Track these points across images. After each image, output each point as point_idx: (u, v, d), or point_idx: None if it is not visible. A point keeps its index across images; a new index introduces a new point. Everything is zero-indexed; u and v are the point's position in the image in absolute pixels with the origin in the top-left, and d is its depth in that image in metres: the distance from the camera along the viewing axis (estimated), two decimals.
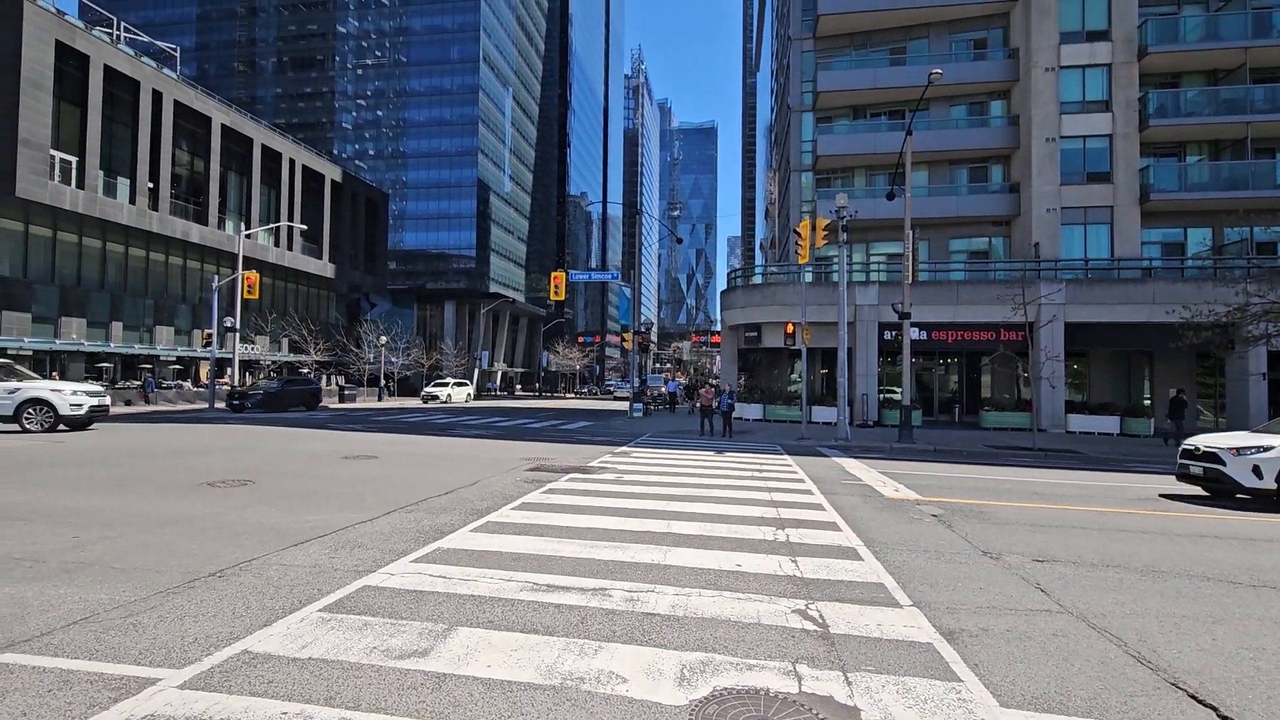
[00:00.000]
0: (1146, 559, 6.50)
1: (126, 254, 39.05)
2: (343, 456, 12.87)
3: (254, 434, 17.44)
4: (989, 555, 6.44)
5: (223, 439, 15.81)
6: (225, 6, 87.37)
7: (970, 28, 31.47)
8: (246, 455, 12.69)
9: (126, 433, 17.02)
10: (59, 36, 31.44)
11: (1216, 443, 10.68)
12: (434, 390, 43.76)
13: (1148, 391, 27.40)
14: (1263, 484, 9.99)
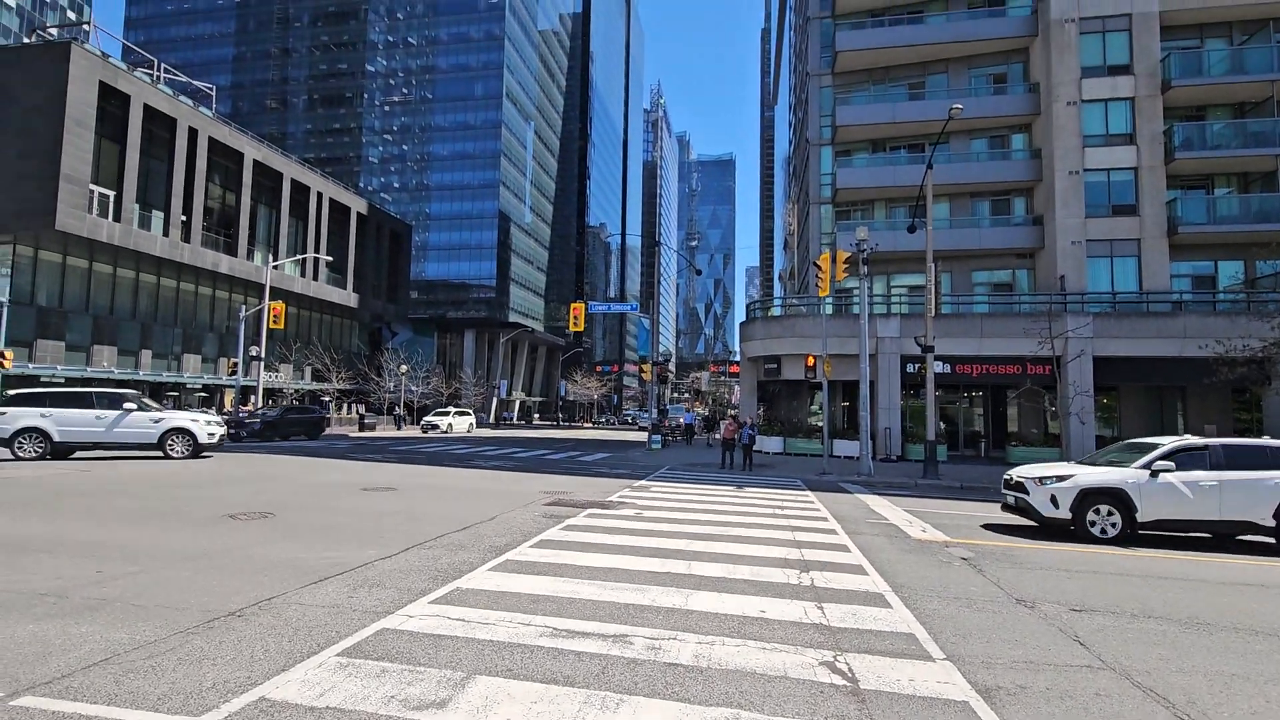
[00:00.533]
0: (1189, 609, 6.22)
1: (158, 284, 40.10)
2: (362, 488, 12.89)
3: (275, 464, 17.57)
4: (1023, 603, 6.21)
5: (244, 469, 15.94)
6: (260, 48, 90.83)
7: (989, 63, 31.63)
8: (268, 486, 12.75)
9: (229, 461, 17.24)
10: (103, 78, 32.79)
11: (1025, 472, 10.88)
12: (434, 420, 41.71)
13: (1181, 427, 26.66)
14: (1059, 513, 10.14)
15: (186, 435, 17.90)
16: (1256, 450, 10.18)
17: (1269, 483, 9.75)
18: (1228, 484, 9.78)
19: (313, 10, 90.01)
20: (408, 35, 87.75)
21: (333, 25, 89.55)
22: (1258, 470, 9.84)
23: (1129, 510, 9.91)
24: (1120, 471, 10.22)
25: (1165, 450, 10.26)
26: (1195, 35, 28.30)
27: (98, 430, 17.11)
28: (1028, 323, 23.34)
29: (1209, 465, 9.99)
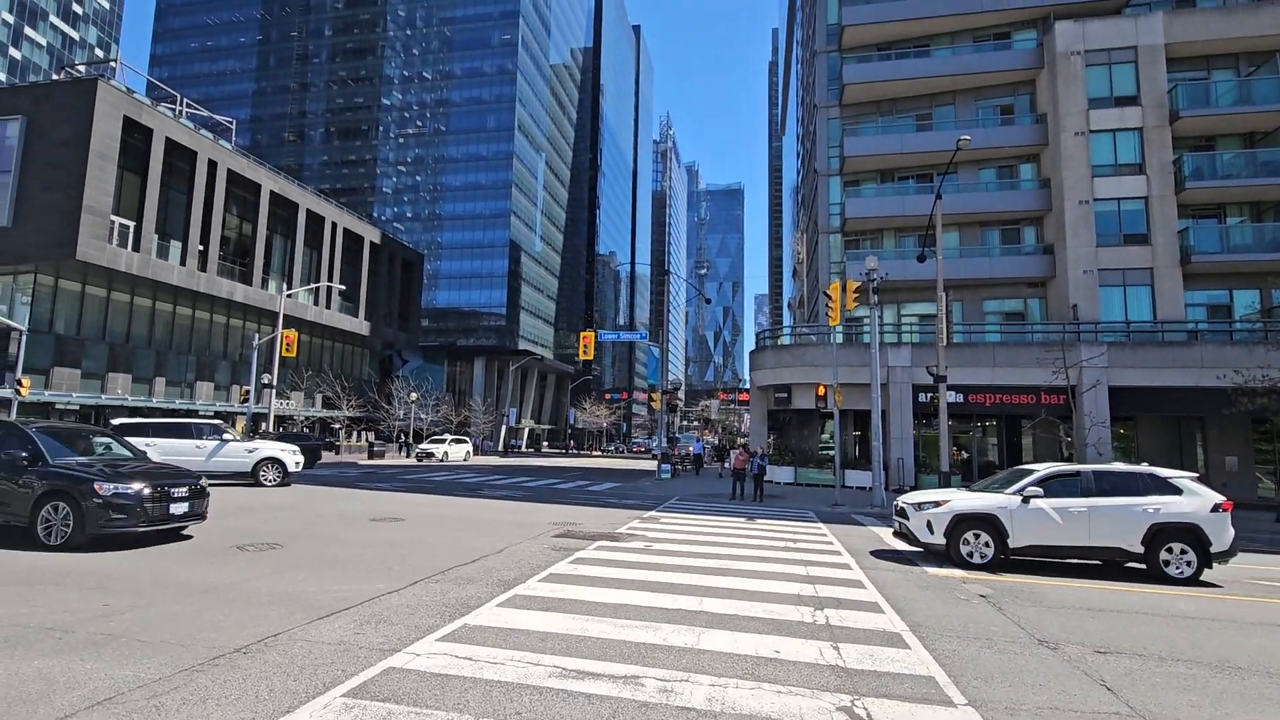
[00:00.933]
0: (1218, 652, 6.02)
1: (174, 312, 40.64)
2: (370, 519, 12.82)
3: (284, 493, 17.54)
4: (1046, 644, 6.03)
5: (253, 499, 15.92)
6: (279, 83, 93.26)
7: (996, 95, 31.93)
8: (277, 516, 12.71)
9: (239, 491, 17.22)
10: (127, 112, 33.70)
11: (910, 498, 10.99)
12: (429, 447, 39.90)
13: (1200, 459, 26.19)
14: (934, 539, 10.23)
15: (278, 464, 18.92)
16: (1128, 477, 10.24)
17: (1137, 509, 9.79)
18: (1097, 510, 9.85)
19: (331, 47, 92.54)
20: (423, 70, 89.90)
21: (350, 61, 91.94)
22: (1128, 497, 9.92)
23: (1001, 536, 9.99)
24: (994, 497, 10.31)
25: (1037, 477, 10.37)
26: (1202, 67, 28.47)
27: (198, 459, 17.79)
28: (1041, 352, 23.14)
29: (1080, 492, 10.08)
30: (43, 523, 8.55)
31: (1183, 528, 9.65)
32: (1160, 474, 10.19)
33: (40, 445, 9.05)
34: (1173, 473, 10.30)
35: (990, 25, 32.39)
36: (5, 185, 32.12)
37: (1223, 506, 9.70)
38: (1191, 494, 9.87)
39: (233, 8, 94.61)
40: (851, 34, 33.21)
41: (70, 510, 8.50)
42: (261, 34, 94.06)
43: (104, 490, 8.54)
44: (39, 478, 8.72)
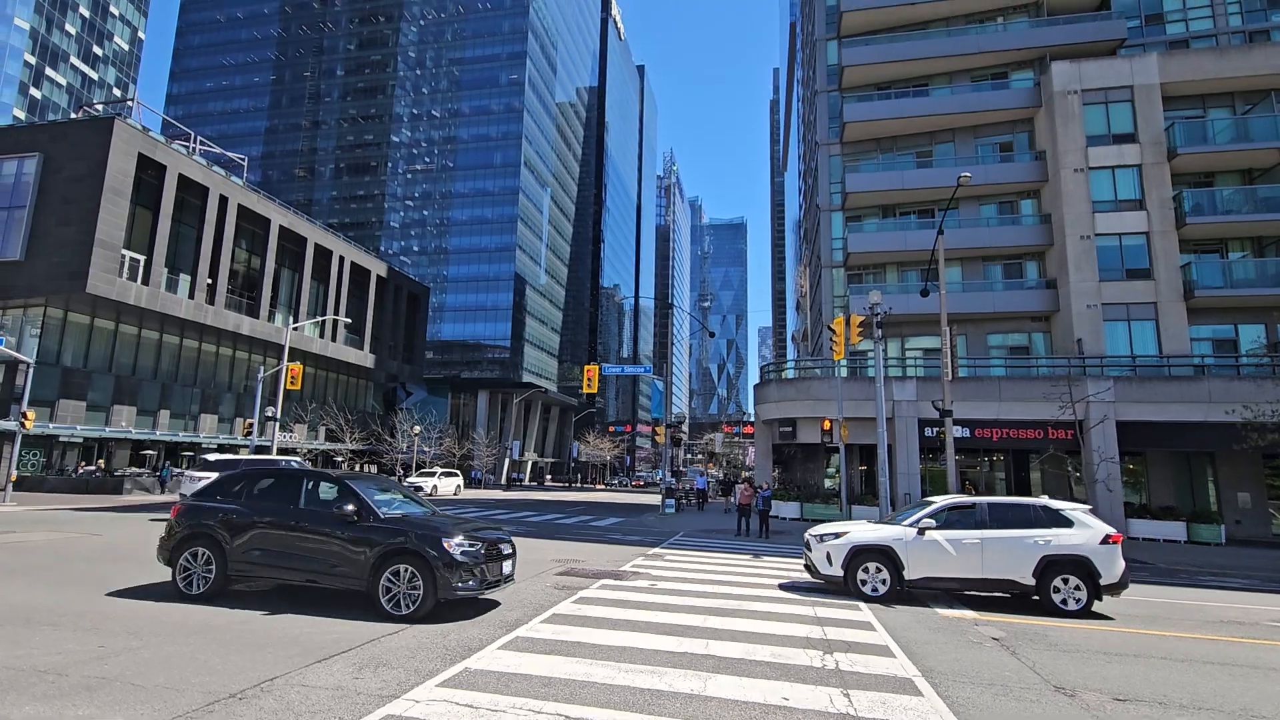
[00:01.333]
0: (1241, 699, 5.83)
1: (180, 345, 40.87)
2: None
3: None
4: (1062, 691, 5.86)
5: None
6: (292, 120, 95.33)
7: (995, 132, 32.42)
8: None
9: None
10: (142, 150, 34.40)
11: (814, 531, 11.03)
12: (418, 481, 38.59)
13: (1212, 494, 25.83)
14: (833, 571, 10.27)
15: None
16: (1022, 509, 10.26)
17: (1029, 541, 9.80)
18: (989, 542, 9.87)
19: (343, 86, 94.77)
20: (431, 108, 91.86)
21: (361, 99, 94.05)
22: (1021, 529, 9.94)
23: (897, 568, 10.01)
24: (891, 529, 10.34)
25: (933, 509, 10.46)
26: (1198, 105, 28.92)
27: None
28: (1047, 386, 23.03)
29: (975, 524, 10.11)
30: (385, 590, 7.42)
31: (1073, 560, 9.69)
32: (1053, 506, 10.27)
33: (366, 498, 8.05)
34: (1065, 505, 10.38)
35: (987, 66, 33.06)
36: (20, 220, 32.66)
37: (1112, 539, 9.77)
38: (1083, 526, 9.93)
39: (248, 50, 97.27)
40: (851, 74, 33.92)
41: (417, 573, 7.36)
42: (275, 74, 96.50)
43: (454, 548, 7.41)
44: (374, 535, 7.60)
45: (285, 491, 8.33)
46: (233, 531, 8.00)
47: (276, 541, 7.91)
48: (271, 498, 8.26)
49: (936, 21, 34.49)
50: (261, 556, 7.94)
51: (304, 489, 8.31)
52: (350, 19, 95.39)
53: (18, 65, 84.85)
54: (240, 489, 8.43)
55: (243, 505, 8.20)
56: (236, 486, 8.49)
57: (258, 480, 8.50)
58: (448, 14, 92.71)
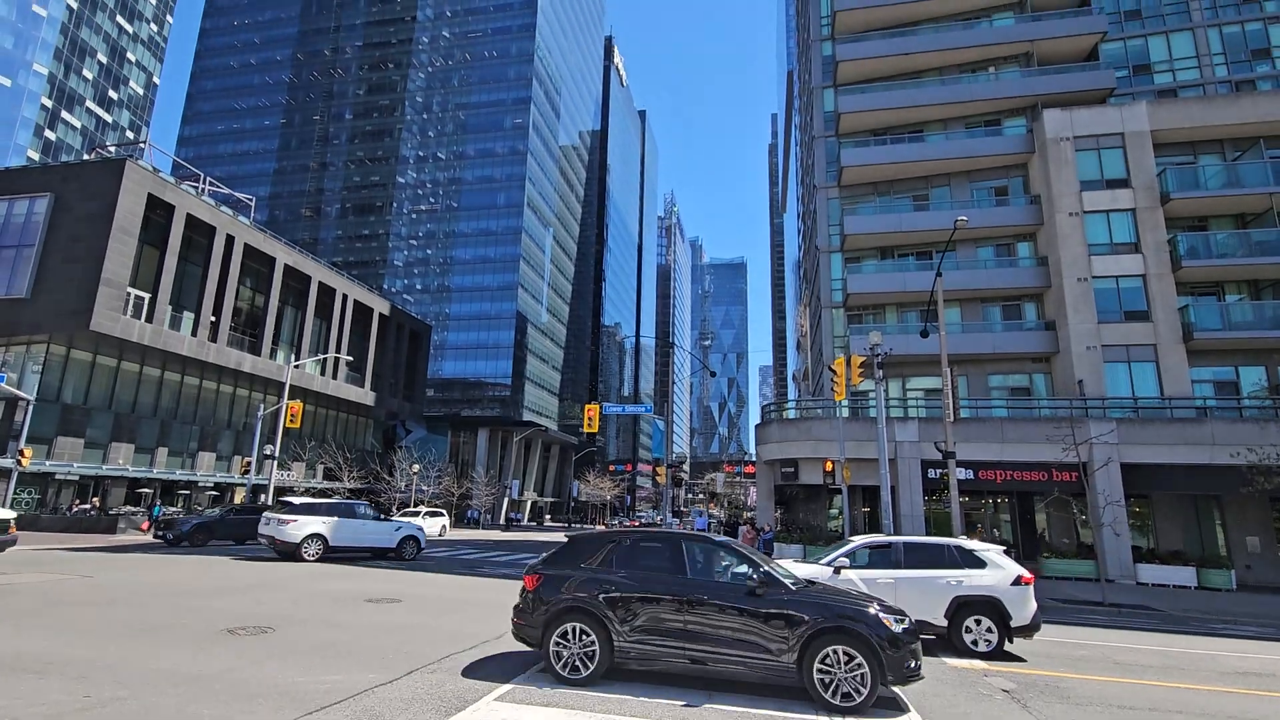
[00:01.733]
0: None
1: (181, 382, 40.88)
2: (366, 599, 12.42)
3: (280, 570, 17.09)
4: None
5: (249, 575, 15.50)
6: (300, 162, 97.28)
7: (989, 177, 33.00)
8: (270, 596, 12.33)
9: (237, 566, 16.82)
10: (151, 190, 35.00)
11: None
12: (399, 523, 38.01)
13: (1221, 538, 25.45)
14: None
15: (415, 540, 21.51)
16: (935, 549, 10.23)
17: (941, 582, 9.76)
18: (903, 582, 9.84)
19: (351, 130, 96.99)
20: (437, 151, 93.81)
21: (369, 142, 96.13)
22: (935, 569, 9.91)
23: None
24: (810, 569, 10.24)
25: (850, 548, 10.46)
26: (1188, 152, 29.51)
27: (360, 535, 20.32)
28: (1049, 428, 22.92)
29: (890, 563, 10.10)
30: (821, 676, 6.33)
31: (984, 601, 9.64)
32: (967, 546, 10.26)
33: (767, 564, 7.10)
34: (979, 545, 10.36)
35: (981, 113, 33.87)
36: (28, 259, 33.03)
37: (1023, 580, 9.73)
38: (995, 567, 9.90)
39: (260, 94, 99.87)
40: (848, 120, 34.73)
41: (856, 655, 6.29)
42: (285, 118, 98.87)
43: (892, 624, 6.48)
44: (792, 609, 6.53)
45: (664, 558, 7.36)
46: (614, 606, 6.98)
47: (667, 618, 6.84)
48: (649, 565, 7.29)
49: (930, 71, 35.47)
50: (650, 636, 6.85)
51: (687, 555, 7.31)
52: (361, 65, 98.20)
53: (34, 108, 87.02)
54: (606, 556, 7.51)
55: (619, 575, 7.22)
56: (601, 553, 7.56)
57: (626, 545, 7.60)
58: (455, 61, 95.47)
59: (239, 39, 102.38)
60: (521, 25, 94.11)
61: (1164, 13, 33.90)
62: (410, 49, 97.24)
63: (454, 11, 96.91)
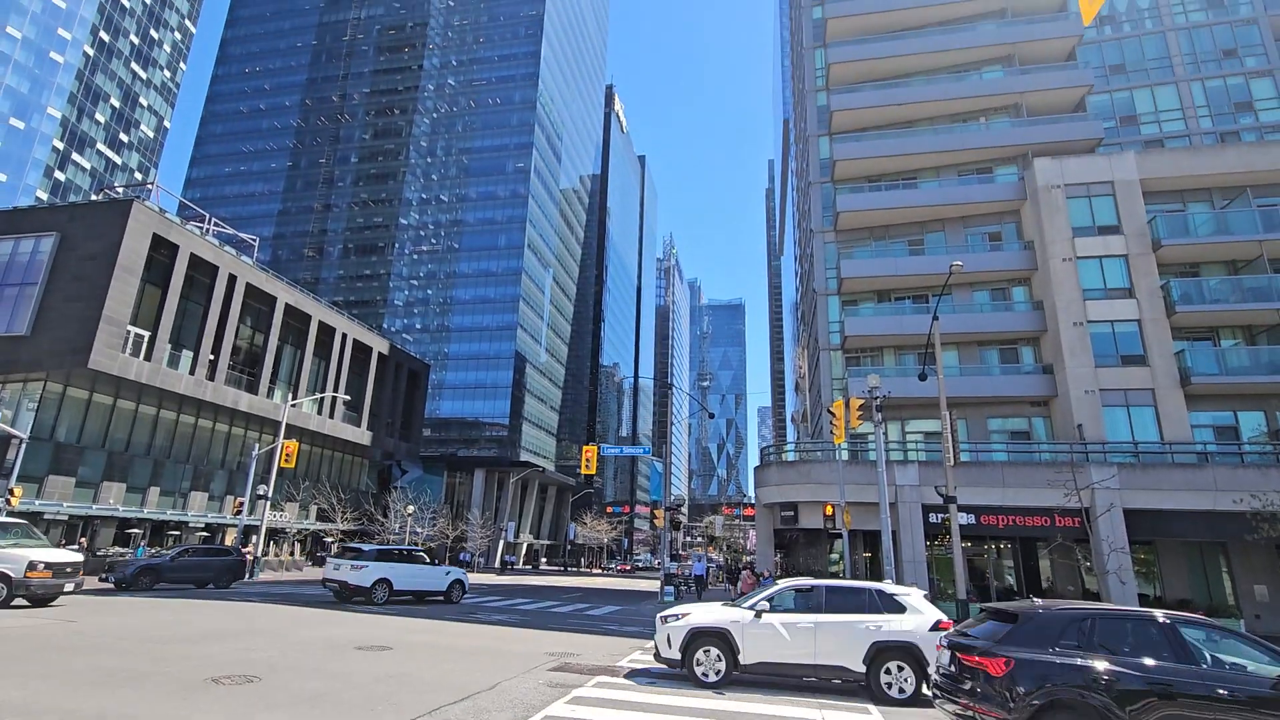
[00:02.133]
0: None
1: (176, 420, 40.64)
2: (356, 647, 12.11)
3: (269, 615, 16.70)
4: None
5: (238, 621, 15.14)
6: (304, 204, 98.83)
7: (983, 223, 33.56)
8: (259, 643, 12.02)
9: (223, 611, 16.43)
10: (156, 230, 35.41)
11: (664, 612, 10.82)
12: None
13: (1228, 586, 25.03)
14: (672, 653, 10.04)
15: (461, 584, 22.82)
16: (856, 592, 10.14)
17: (860, 627, 9.65)
18: (823, 627, 9.74)
19: (355, 172, 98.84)
20: (440, 193, 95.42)
21: (372, 185, 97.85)
22: (855, 614, 9.81)
23: (733, 652, 9.81)
24: (732, 612, 10.17)
25: (771, 591, 10.38)
26: (1177, 200, 30.07)
27: (417, 579, 21.79)
28: (1051, 473, 22.78)
29: (811, 607, 10.00)
30: None
31: (901, 646, 9.51)
32: (887, 590, 10.16)
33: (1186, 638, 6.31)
34: (900, 589, 10.26)
35: (972, 161, 34.66)
36: (30, 297, 33.19)
37: (942, 625, 9.62)
38: (914, 611, 9.81)
39: (268, 138, 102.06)
40: (843, 167, 35.48)
41: None
42: (291, 161, 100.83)
43: None
44: None
45: (1158, 643, 6.34)
46: (1122, 702, 5.99)
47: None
48: (1149, 652, 6.29)
49: (922, 120, 36.42)
50: None
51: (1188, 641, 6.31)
52: (367, 111, 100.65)
53: (46, 150, 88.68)
54: (1086, 640, 6.50)
55: (1121, 664, 6.20)
56: (1076, 636, 6.54)
57: (1111, 627, 6.63)
58: (460, 108, 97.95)
59: (249, 85, 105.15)
60: (525, 74, 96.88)
61: (1148, 67, 35.02)
62: (416, 95, 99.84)
63: (460, 61, 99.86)
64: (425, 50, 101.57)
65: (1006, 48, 35.75)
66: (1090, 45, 35.77)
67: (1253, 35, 33.90)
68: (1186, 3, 35.54)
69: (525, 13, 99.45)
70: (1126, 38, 35.78)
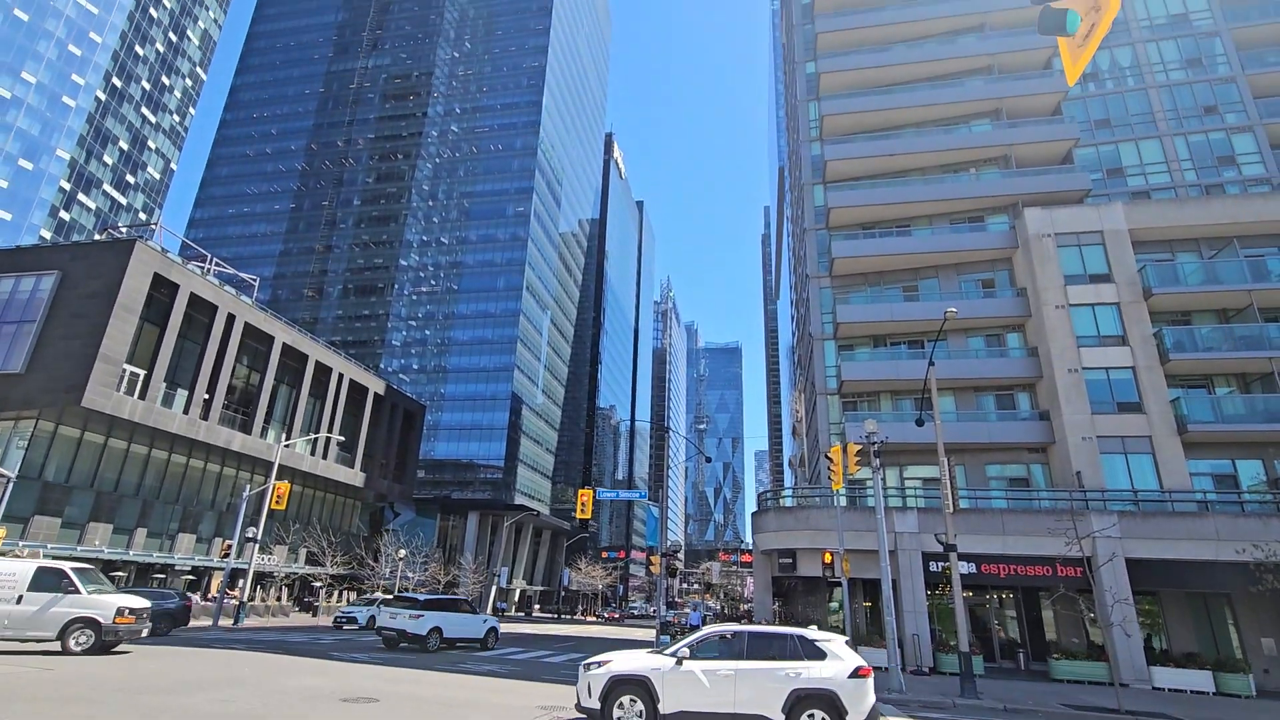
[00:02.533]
0: None
1: (168, 460, 40.17)
2: (341, 699, 11.72)
3: (253, 663, 16.21)
4: None
5: (220, 670, 14.67)
6: (306, 244, 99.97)
7: (976, 270, 34.04)
8: (239, 694, 11.63)
9: (199, 658, 15.94)
10: (158, 269, 35.64)
11: (588, 660, 10.61)
12: (351, 611, 34.51)
13: (1234, 638, 24.52)
14: (591, 703, 9.79)
15: (495, 632, 24.47)
16: (778, 639, 10.04)
17: (781, 674, 9.52)
18: (742, 674, 9.60)
19: (357, 215, 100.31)
20: (440, 235, 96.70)
21: (374, 227, 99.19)
22: (776, 660, 9.68)
23: (653, 700, 9.60)
24: (653, 659, 10.01)
25: (696, 637, 10.27)
26: (1166, 249, 30.60)
27: (462, 627, 23.20)
28: (1051, 521, 22.53)
29: (732, 654, 9.87)
30: None
31: (821, 695, 9.35)
32: (808, 636, 10.03)
33: None
34: (821, 635, 10.14)
35: (964, 210, 35.38)
36: (28, 334, 33.17)
37: (860, 672, 9.50)
38: (835, 659, 9.68)
39: (272, 180, 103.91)
40: (837, 215, 36.14)
41: None
42: (295, 203, 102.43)
43: None
44: None
45: None
46: None
47: None
48: None
49: (914, 170, 37.30)
50: None
51: None
52: (371, 155, 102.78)
53: (53, 190, 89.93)
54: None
55: None
56: None
57: None
58: (462, 153, 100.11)
59: (257, 130, 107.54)
60: (527, 122, 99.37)
61: (1132, 122, 36.06)
62: (420, 141, 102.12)
63: (463, 108, 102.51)
64: (430, 98, 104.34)
65: (994, 102, 36.88)
66: (1075, 100, 36.90)
67: (1232, 93, 35.04)
68: (1167, 62, 36.82)
69: (528, 64, 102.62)
70: (1110, 94, 36.95)
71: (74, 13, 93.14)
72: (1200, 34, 36.85)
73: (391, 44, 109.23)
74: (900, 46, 39.75)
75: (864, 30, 40.51)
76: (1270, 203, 29.52)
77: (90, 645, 15.13)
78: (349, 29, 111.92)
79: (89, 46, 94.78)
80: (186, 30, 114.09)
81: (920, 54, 38.77)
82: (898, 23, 39.94)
